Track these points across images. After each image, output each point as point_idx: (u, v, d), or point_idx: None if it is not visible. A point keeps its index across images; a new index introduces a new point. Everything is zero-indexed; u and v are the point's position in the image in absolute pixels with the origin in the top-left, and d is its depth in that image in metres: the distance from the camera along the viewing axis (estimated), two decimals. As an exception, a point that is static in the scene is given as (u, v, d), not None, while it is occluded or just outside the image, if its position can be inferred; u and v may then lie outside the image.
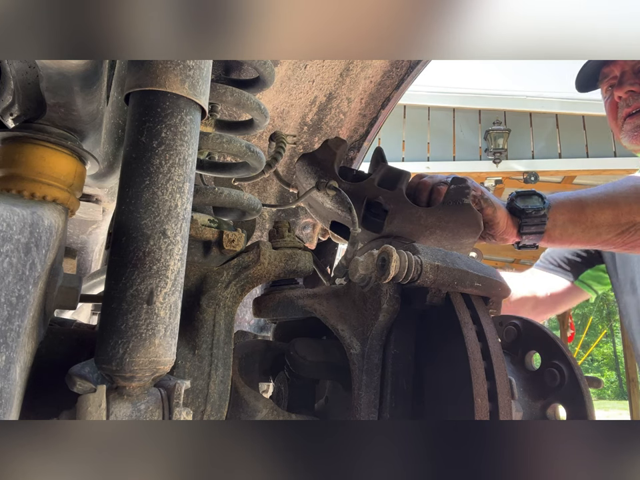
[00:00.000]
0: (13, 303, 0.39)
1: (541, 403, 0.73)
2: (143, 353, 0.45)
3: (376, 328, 0.64)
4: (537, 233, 1.05)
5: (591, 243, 1.09)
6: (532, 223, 1.04)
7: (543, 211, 1.04)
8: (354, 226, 0.81)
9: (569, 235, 1.06)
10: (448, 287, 0.63)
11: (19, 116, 0.61)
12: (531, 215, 1.04)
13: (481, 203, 0.98)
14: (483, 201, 0.99)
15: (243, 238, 0.69)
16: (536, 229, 1.05)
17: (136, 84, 0.48)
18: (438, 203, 0.88)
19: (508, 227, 1.05)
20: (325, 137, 1.41)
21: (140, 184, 0.47)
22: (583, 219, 1.05)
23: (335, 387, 0.79)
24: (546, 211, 1.04)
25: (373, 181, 0.88)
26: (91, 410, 0.43)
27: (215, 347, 0.65)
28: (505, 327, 0.84)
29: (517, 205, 1.06)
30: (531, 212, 1.04)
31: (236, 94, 0.75)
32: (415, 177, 0.99)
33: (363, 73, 1.32)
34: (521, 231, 1.05)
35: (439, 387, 0.62)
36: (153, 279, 0.46)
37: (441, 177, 0.98)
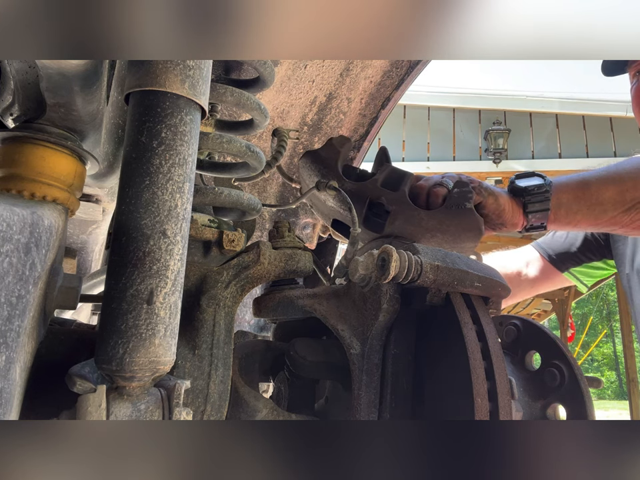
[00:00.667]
0: (12, 303, 0.39)
1: (541, 402, 0.73)
2: (143, 353, 0.45)
3: (376, 328, 0.64)
4: (543, 210, 1.03)
5: (598, 221, 1.07)
6: (536, 200, 1.02)
7: (545, 187, 1.02)
8: (354, 226, 0.81)
9: (575, 213, 1.04)
10: (448, 287, 0.63)
11: (19, 116, 0.61)
12: (534, 192, 1.02)
13: (482, 192, 0.96)
14: (484, 190, 0.97)
15: (243, 238, 0.69)
16: (540, 206, 1.03)
17: (136, 84, 0.48)
18: (436, 206, 0.88)
19: (514, 211, 1.03)
20: (325, 137, 1.41)
21: (140, 184, 0.47)
22: (588, 196, 1.03)
23: (335, 387, 0.79)
24: (548, 187, 1.03)
25: (376, 181, 0.88)
26: (91, 410, 0.43)
27: (215, 347, 0.65)
28: (504, 326, 0.84)
29: (519, 184, 1.05)
30: (533, 189, 1.03)
31: (236, 94, 0.75)
32: (412, 179, 0.98)
33: (363, 73, 1.32)
34: (526, 210, 1.03)
35: (439, 386, 0.61)
36: (153, 278, 0.46)
37: (436, 178, 0.97)
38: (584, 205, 1.04)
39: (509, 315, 0.85)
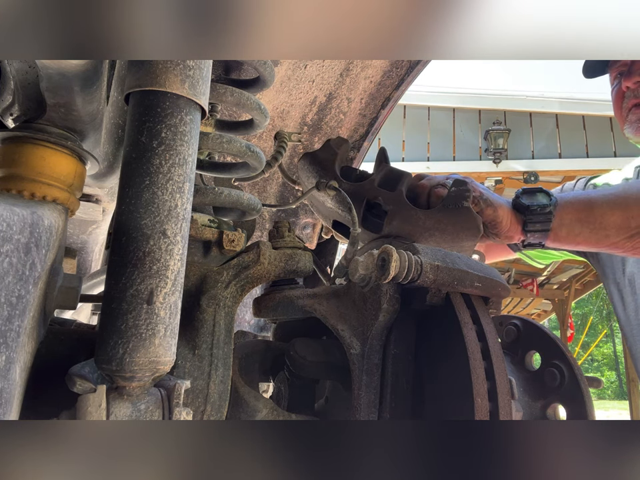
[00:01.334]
0: (13, 302, 0.39)
1: (540, 403, 0.73)
2: (143, 353, 0.45)
3: (376, 328, 0.64)
4: (543, 230, 1.02)
5: (599, 244, 1.05)
6: (537, 220, 1.01)
7: (549, 208, 1.01)
8: (354, 226, 0.81)
9: (576, 235, 1.03)
10: (448, 287, 0.63)
11: (19, 116, 0.61)
12: (536, 212, 1.01)
13: (480, 203, 0.96)
14: (482, 201, 0.96)
15: (243, 238, 0.69)
16: (541, 227, 1.01)
17: (136, 84, 0.48)
18: (436, 206, 0.88)
19: (512, 225, 1.02)
20: (325, 137, 1.41)
21: (140, 184, 0.47)
22: (592, 219, 1.01)
23: (335, 387, 0.79)
24: (552, 209, 1.01)
25: (374, 181, 0.88)
26: (91, 410, 0.43)
27: (215, 347, 0.65)
28: (504, 326, 0.84)
29: (522, 201, 1.03)
30: (536, 208, 1.01)
31: (236, 94, 0.75)
32: (415, 178, 0.98)
33: (363, 73, 1.32)
34: (525, 228, 1.02)
35: (439, 386, 0.61)
36: (153, 278, 0.46)
37: (440, 178, 0.96)
38: (587, 228, 1.02)
39: (509, 315, 0.85)
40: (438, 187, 0.92)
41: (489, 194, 1.00)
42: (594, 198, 1.04)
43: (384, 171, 0.91)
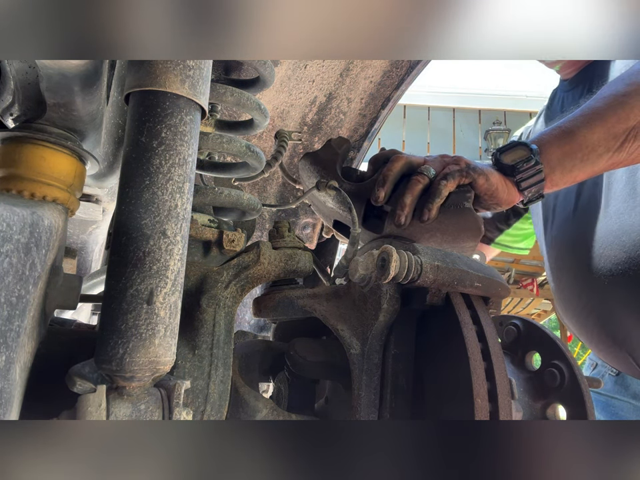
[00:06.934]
0: (13, 302, 0.39)
1: (541, 403, 0.73)
2: (143, 353, 0.45)
3: (376, 328, 0.64)
4: (537, 182, 0.96)
5: (596, 167, 0.99)
6: (528, 176, 0.96)
7: (534, 158, 0.95)
8: (354, 226, 0.81)
9: (570, 171, 0.97)
10: (448, 287, 0.63)
11: (19, 116, 0.61)
12: (523, 169, 0.95)
13: (470, 174, 0.90)
14: (472, 171, 0.90)
15: (243, 238, 0.69)
16: (535, 180, 0.96)
17: (136, 84, 0.48)
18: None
19: (509, 189, 0.96)
20: (325, 137, 1.41)
21: (140, 184, 0.47)
22: (576, 147, 0.96)
23: (335, 387, 0.79)
24: (537, 158, 0.95)
25: (374, 182, 0.88)
26: (91, 410, 0.43)
27: (215, 347, 0.65)
28: (504, 326, 0.84)
29: (504, 162, 0.98)
30: (522, 165, 0.95)
31: (236, 94, 0.75)
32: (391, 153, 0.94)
33: (363, 73, 1.32)
34: (520, 189, 0.97)
35: (439, 387, 0.61)
36: (153, 278, 0.46)
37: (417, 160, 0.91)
38: (577, 159, 0.97)
39: (509, 315, 0.85)
40: (416, 175, 0.88)
41: (476, 163, 0.95)
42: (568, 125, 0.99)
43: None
